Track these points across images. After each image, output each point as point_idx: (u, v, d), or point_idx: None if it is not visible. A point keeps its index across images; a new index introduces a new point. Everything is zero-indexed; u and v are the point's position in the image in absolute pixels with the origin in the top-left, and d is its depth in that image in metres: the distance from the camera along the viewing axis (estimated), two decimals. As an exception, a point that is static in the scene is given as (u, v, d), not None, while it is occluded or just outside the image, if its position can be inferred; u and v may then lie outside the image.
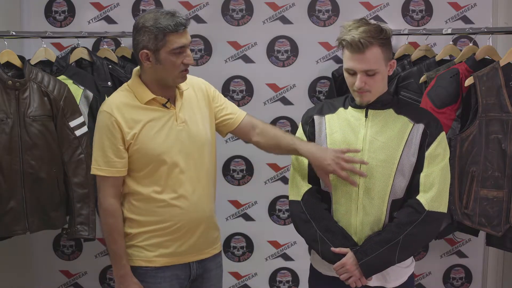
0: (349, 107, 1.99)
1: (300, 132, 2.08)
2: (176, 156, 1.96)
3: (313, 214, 1.95)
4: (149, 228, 1.97)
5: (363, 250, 1.87)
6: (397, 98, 2.01)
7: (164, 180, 1.95)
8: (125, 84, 2.03)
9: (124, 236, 1.97)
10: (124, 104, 1.94)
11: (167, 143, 1.95)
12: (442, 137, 1.93)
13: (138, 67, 2.02)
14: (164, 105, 1.97)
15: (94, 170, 1.96)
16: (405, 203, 1.91)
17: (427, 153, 1.91)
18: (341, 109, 2.00)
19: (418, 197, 1.88)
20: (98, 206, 1.99)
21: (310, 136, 2.04)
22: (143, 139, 1.93)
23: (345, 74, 1.92)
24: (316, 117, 2.03)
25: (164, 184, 1.95)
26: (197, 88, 2.10)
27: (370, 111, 1.94)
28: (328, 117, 2.00)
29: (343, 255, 1.89)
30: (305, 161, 2.01)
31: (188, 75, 1.99)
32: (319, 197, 2.00)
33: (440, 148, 1.92)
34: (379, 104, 1.94)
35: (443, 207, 1.89)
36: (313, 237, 1.94)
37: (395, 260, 1.88)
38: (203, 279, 2.08)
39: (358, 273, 1.87)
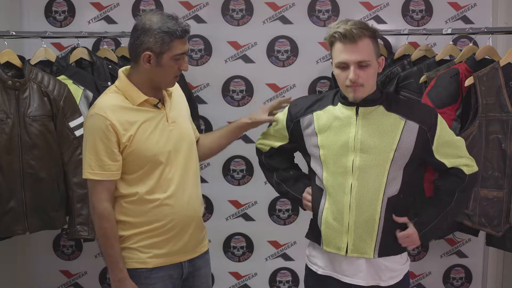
0: (339, 104, 1.97)
1: (283, 118, 2.09)
2: (169, 156, 1.97)
3: (274, 167, 2.18)
4: (142, 229, 1.97)
5: (421, 222, 1.96)
6: (385, 94, 1.99)
7: (157, 180, 1.95)
8: (113, 86, 2.01)
9: (119, 240, 1.96)
10: (117, 107, 1.93)
11: (161, 143, 1.96)
12: (440, 123, 1.94)
13: (124, 68, 2.02)
14: (155, 106, 1.98)
15: (87, 174, 1.92)
16: (447, 172, 1.98)
17: (434, 147, 1.93)
18: (329, 107, 1.98)
19: (456, 166, 1.96)
20: (91, 210, 1.97)
21: (293, 132, 2.05)
22: (139, 140, 1.92)
23: (337, 71, 1.90)
24: (302, 119, 2.02)
25: (156, 185, 1.95)
26: (178, 90, 2.15)
27: (360, 109, 1.93)
28: (316, 114, 1.99)
29: (298, 197, 2.08)
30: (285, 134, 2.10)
31: None
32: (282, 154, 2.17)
33: (443, 133, 1.94)
34: (369, 101, 1.93)
35: (476, 167, 2.01)
36: (272, 181, 2.18)
37: (448, 225, 2.02)
38: (194, 277, 2.09)
39: (419, 242, 1.98)
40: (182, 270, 2.05)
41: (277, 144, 2.14)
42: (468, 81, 2.39)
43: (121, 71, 2.01)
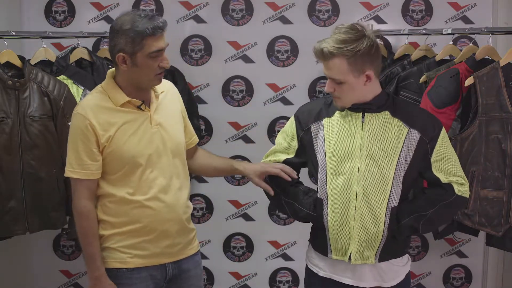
0: (345, 110, 1.96)
1: (291, 127, 2.06)
2: (150, 158, 1.96)
3: (280, 186, 2.06)
4: (122, 230, 1.96)
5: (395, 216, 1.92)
6: (392, 98, 1.98)
7: (137, 182, 1.95)
8: (98, 86, 2.02)
9: (98, 238, 1.97)
10: (98, 107, 1.93)
11: (141, 145, 1.95)
12: (442, 136, 1.94)
13: (112, 69, 2.02)
14: (139, 107, 1.97)
15: (68, 173, 1.94)
16: (438, 185, 1.95)
17: (432, 159, 1.92)
18: (337, 113, 1.97)
19: (449, 182, 1.93)
20: (72, 208, 1.98)
21: (303, 141, 2.02)
22: (118, 141, 1.92)
23: None
24: (313, 126, 2.00)
25: (137, 186, 1.95)
26: (173, 93, 2.12)
27: (366, 115, 1.92)
28: (325, 121, 1.98)
29: (313, 214, 1.97)
30: (295, 146, 2.05)
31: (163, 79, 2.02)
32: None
33: (443, 147, 1.93)
34: (374, 106, 1.92)
35: (468, 193, 1.96)
36: (279, 204, 2.08)
37: (420, 230, 1.96)
38: (181, 279, 2.08)
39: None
40: (165, 271, 2.04)
41: (282, 158, 2.08)
42: (468, 81, 2.39)
43: (109, 72, 2.01)
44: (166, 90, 2.08)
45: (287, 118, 3.09)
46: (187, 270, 2.09)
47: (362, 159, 1.90)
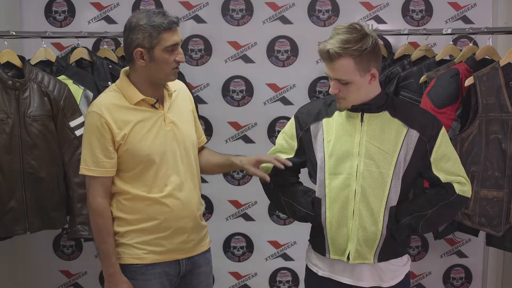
0: (345, 110, 1.96)
1: (291, 127, 2.06)
2: (165, 157, 1.98)
3: (279, 183, 2.07)
4: (137, 227, 1.98)
5: (394, 216, 1.91)
6: (391, 98, 1.98)
7: (152, 180, 1.97)
8: (113, 85, 2.04)
9: (113, 235, 1.99)
10: (113, 105, 1.95)
11: (156, 144, 1.97)
12: (442, 136, 1.93)
13: (126, 68, 2.03)
14: (153, 106, 1.99)
15: (83, 170, 1.97)
16: (438, 185, 1.95)
17: (432, 158, 1.91)
18: (336, 113, 1.98)
19: (450, 182, 1.93)
20: (88, 206, 2.01)
21: (302, 141, 2.02)
22: (133, 140, 1.94)
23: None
24: (312, 126, 2.01)
25: (152, 184, 1.97)
26: (184, 91, 2.15)
27: (365, 115, 1.92)
28: (325, 121, 1.98)
29: (311, 213, 1.97)
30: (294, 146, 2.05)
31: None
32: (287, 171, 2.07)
33: (443, 146, 1.92)
34: (374, 107, 1.92)
35: (469, 192, 1.96)
36: (279, 204, 2.08)
37: (419, 230, 1.95)
38: (193, 275, 2.10)
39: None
40: (179, 267, 2.06)
41: (282, 157, 2.07)
42: (468, 81, 2.39)
43: (122, 71, 2.04)
44: (178, 89, 2.11)
45: (287, 118, 3.10)
46: (199, 266, 2.11)
47: (360, 159, 1.90)
